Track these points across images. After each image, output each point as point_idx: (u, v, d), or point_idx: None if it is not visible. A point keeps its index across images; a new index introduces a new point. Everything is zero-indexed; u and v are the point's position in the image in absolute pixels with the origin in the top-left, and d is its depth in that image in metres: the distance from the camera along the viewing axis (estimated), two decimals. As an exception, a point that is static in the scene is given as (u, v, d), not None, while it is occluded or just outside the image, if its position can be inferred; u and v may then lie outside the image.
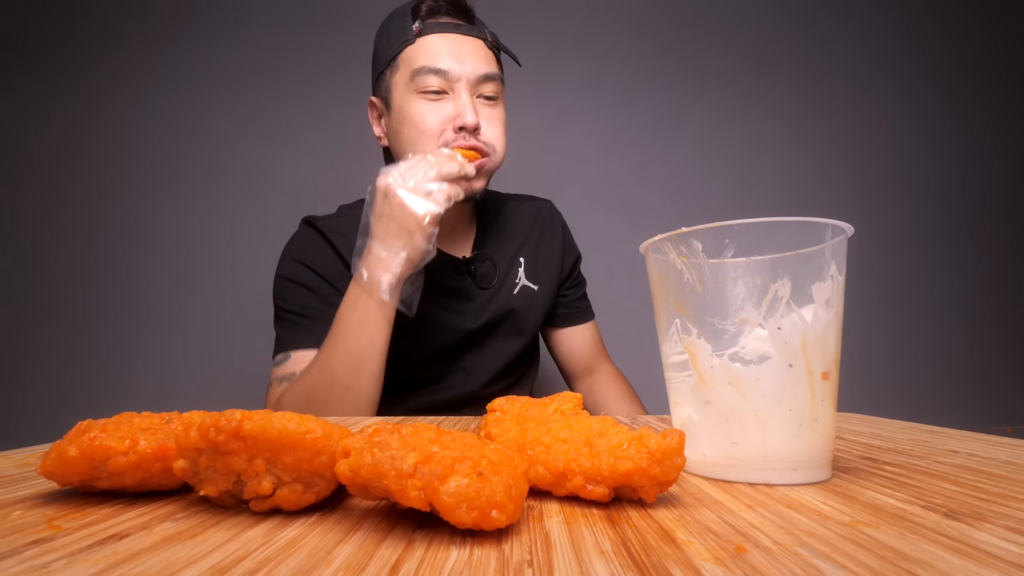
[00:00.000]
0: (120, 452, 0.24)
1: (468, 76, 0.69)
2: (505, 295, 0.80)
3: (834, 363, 0.30)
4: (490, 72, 0.71)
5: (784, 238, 0.29)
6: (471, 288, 0.79)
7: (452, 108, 0.69)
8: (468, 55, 0.70)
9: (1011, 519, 0.22)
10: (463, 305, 0.78)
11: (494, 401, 0.39)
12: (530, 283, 0.82)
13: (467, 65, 0.69)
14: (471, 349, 0.79)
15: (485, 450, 0.22)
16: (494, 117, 0.72)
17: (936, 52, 1.36)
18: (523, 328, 0.82)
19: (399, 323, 0.66)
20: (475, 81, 0.70)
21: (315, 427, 0.23)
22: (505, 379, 0.83)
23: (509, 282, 0.81)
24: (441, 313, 0.76)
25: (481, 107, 0.71)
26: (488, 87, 0.71)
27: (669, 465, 0.24)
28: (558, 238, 0.88)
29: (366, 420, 0.57)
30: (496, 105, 0.73)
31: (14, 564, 0.17)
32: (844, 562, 0.18)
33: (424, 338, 0.75)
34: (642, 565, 0.17)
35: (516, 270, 0.82)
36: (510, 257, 0.82)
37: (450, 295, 0.78)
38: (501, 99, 0.74)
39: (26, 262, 1.22)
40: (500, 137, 0.73)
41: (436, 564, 0.18)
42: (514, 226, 0.85)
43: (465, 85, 0.69)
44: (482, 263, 0.80)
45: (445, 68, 0.68)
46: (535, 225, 0.87)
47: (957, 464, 0.33)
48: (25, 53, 1.26)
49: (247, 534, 0.21)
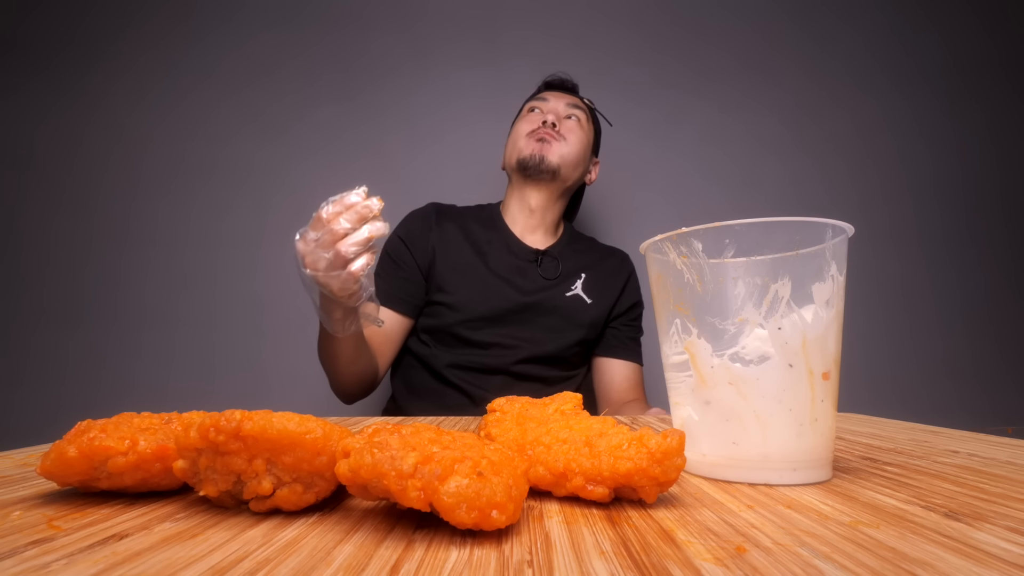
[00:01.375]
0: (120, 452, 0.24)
1: (559, 106, 0.96)
2: (557, 292, 0.92)
3: (834, 363, 0.30)
4: (576, 107, 0.96)
5: (784, 238, 0.29)
6: (532, 272, 0.92)
7: (543, 115, 0.95)
8: (563, 99, 0.97)
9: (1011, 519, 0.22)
10: (520, 281, 0.91)
11: (494, 401, 0.39)
12: (584, 295, 0.94)
13: (560, 102, 0.96)
14: (513, 323, 0.89)
15: (485, 450, 0.22)
16: (573, 129, 0.94)
17: (936, 52, 1.36)
18: (565, 325, 0.91)
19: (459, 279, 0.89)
20: (563, 110, 0.95)
21: (315, 427, 0.23)
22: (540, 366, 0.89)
23: (566, 285, 0.93)
24: (497, 281, 0.90)
25: (564, 120, 0.95)
26: (574, 113, 0.95)
27: (669, 465, 0.24)
28: (622, 278, 0.99)
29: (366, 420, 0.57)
30: (578, 125, 0.95)
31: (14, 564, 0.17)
32: (844, 562, 0.18)
33: (477, 297, 0.89)
34: (642, 565, 0.17)
35: (575, 280, 0.94)
36: (574, 268, 0.95)
37: (513, 271, 0.92)
38: (585, 126, 0.96)
39: (24, 262, 1.22)
40: (575, 139, 0.94)
41: (436, 564, 0.18)
42: (587, 253, 1.00)
43: (554, 110, 0.95)
44: (549, 259, 0.94)
45: (545, 98, 0.97)
46: (606, 259, 1.01)
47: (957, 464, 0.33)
48: (23, 52, 1.25)
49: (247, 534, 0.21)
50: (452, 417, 0.61)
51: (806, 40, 1.34)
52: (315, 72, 1.28)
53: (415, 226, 0.94)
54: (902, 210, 1.33)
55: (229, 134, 1.26)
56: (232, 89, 1.27)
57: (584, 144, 0.95)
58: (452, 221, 0.96)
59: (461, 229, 0.95)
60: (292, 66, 1.28)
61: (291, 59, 1.28)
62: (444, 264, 0.91)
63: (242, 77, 1.27)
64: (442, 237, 0.93)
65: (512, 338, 0.89)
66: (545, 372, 0.90)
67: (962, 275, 1.32)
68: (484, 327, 0.88)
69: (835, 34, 1.35)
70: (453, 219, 0.96)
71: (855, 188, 1.33)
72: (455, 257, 0.92)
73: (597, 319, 0.94)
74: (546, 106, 0.96)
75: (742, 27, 1.33)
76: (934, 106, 1.35)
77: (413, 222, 0.96)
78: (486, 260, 0.92)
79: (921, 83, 1.35)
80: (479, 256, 0.92)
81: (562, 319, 0.91)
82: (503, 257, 0.93)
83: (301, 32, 1.29)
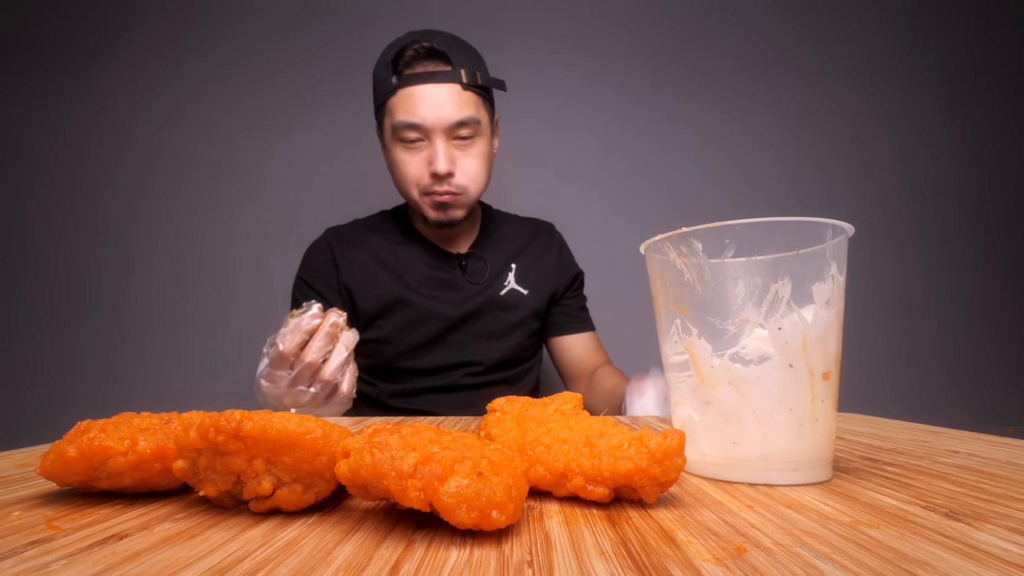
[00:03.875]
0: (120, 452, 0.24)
1: (441, 125, 0.75)
2: (491, 292, 0.86)
3: (834, 363, 0.30)
4: (463, 117, 0.76)
5: (784, 238, 0.29)
6: (460, 280, 0.86)
7: (427, 154, 0.77)
8: (441, 104, 0.75)
9: (1012, 519, 0.22)
10: (449, 295, 0.84)
11: (494, 401, 0.39)
12: (519, 287, 0.88)
13: (441, 114, 0.75)
14: (453, 341, 0.84)
15: (485, 450, 0.22)
16: (469, 155, 0.78)
17: (936, 52, 1.36)
18: (507, 325, 0.87)
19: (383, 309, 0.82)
20: (448, 128, 0.75)
21: (315, 427, 0.23)
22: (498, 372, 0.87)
23: (498, 283, 0.87)
24: (425, 301, 0.83)
25: (456, 149, 0.77)
26: (463, 130, 0.77)
27: (669, 465, 0.24)
28: (554, 253, 0.93)
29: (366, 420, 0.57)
30: (472, 144, 0.78)
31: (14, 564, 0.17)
32: (844, 563, 0.18)
33: (408, 324, 0.83)
34: (642, 565, 0.17)
35: (506, 274, 0.88)
36: (502, 262, 0.89)
37: (439, 286, 0.85)
38: (481, 136, 0.79)
39: (26, 262, 1.22)
40: (476, 174, 0.79)
41: (436, 564, 0.18)
42: (511, 238, 0.92)
43: (439, 134, 0.75)
44: (475, 260, 0.87)
45: (419, 122, 0.75)
46: (532, 240, 0.93)
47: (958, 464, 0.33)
48: (25, 53, 1.26)
49: (247, 534, 0.21)
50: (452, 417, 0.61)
51: (806, 40, 1.34)
52: (318, 73, 1.28)
53: (318, 266, 0.86)
54: (902, 210, 1.33)
55: (232, 135, 1.27)
56: (235, 90, 1.27)
57: (482, 165, 0.80)
58: (356, 247, 0.86)
59: (369, 254, 0.85)
60: (295, 67, 1.28)
61: (294, 60, 1.28)
62: (362, 298, 0.84)
63: (245, 78, 1.27)
64: (350, 270, 0.85)
65: (458, 355, 0.84)
66: (504, 375, 0.87)
67: (963, 275, 1.32)
68: (425, 353, 0.83)
69: (835, 34, 1.35)
70: (356, 244, 0.87)
71: (855, 188, 1.33)
72: (371, 288, 0.84)
73: (538, 308, 0.89)
74: (425, 132, 0.75)
75: (743, 27, 1.33)
76: (934, 106, 1.35)
77: (313, 259, 0.87)
78: (406, 282, 0.84)
79: (921, 83, 1.35)
80: (397, 280, 0.84)
81: (502, 320, 0.86)
82: (424, 272, 0.85)
83: (304, 33, 1.29)
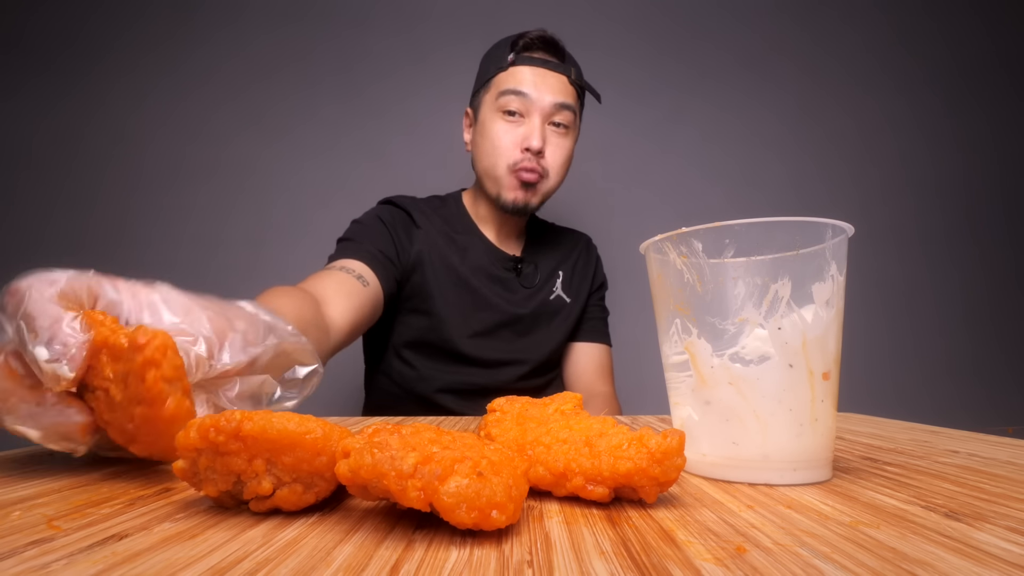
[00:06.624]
0: None
1: (544, 104, 0.78)
2: (542, 297, 0.89)
3: (834, 363, 0.30)
4: (565, 101, 0.79)
5: (784, 238, 0.29)
6: (513, 282, 0.88)
7: (524, 130, 0.78)
8: (548, 86, 0.78)
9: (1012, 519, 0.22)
10: (503, 292, 0.86)
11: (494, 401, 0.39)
12: (564, 295, 0.91)
13: (545, 94, 0.78)
14: (506, 336, 0.85)
15: (485, 450, 0.22)
16: (560, 146, 0.81)
17: (936, 52, 1.36)
18: (552, 330, 0.89)
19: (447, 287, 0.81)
20: (549, 109, 0.78)
21: (315, 427, 0.23)
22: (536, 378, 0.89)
23: (548, 288, 0.90)
24: (486, 291, 0.84)
25: (550, 135, 0.80)
26: (561, 116, 0.80)
27: (669, 465, 0.24)
28: (592, 265, 0.97)
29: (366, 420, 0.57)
30: (565, 135, 0.81)
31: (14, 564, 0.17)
32: (844, 563, 0.18)
33: (468, 309, 0.83)
34: (642, 565, 0.17)
35: (555, 280, 0.91)
36: (551, 268, 0.91)
37: (496, 282, 0.86)
38: (572, 130, 0.82)
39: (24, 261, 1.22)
40: (559, 164, 0.81)
41: (436, 564, 0.18)
42: (558, 247, 0.95)
43: (539, 112, 0.78)
44: (528, 264, 0.90)
45: (525, 90, 0.77)
46: (574, 249, 0.96)
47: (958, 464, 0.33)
48: (24, 52, 1.26)
49: (247, 534, 0.21)
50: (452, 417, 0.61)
51: (806, 40, 1.34)
52: (317, 73, 1.28)
53: (394, 223, 0.83)
54: (902, 210, 1.33)
55: (230, 134, 1.27)
56: (234, 90, 1.27)
57: (568, 157, 0.83)
58: (429, 220, 0.85)
59: (440, 231, 0.85)
60: (294, 67, 1.28)
61: (293, 60, 1.28)
62: (430, 269, 0.82)
63: (244, 77, 1.27)
64: (427, 237, 0.83)
65: (510, 352, 0.85)
66: (539, 381, 0.89)
67: (963, 275, 1.32)
68: (480, 340, 0.83)
69: (835, 34, 1.35)
70: (429, 217, 0.86)
71: (855, 188, 1.33)
72: (439, 262, 0.83)
73: (578, 315, 0.93)
74: (527, 106, 0.78)
75: (742, 27, 1.33)
76: (934, 106, 1.35)
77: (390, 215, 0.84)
78: (471, 267, 0.84)
79: (921, 83, 1.35)
80: (464, 263, 0.84)
81: (548, 324, 0.89)
82: (485, 265, 0.86)
83: (303, 33, 1.29)
